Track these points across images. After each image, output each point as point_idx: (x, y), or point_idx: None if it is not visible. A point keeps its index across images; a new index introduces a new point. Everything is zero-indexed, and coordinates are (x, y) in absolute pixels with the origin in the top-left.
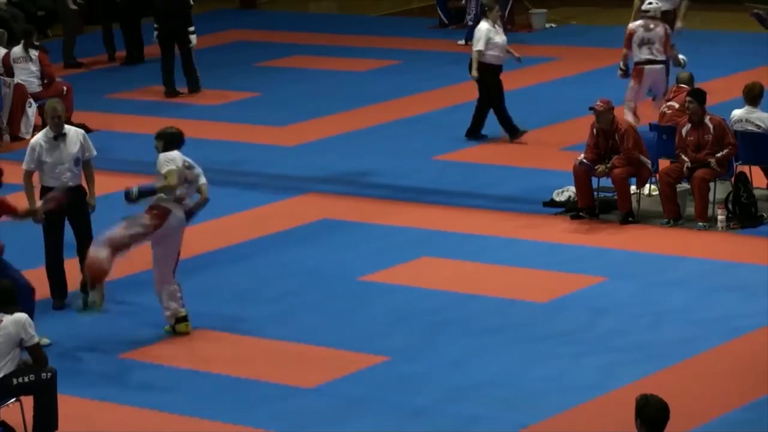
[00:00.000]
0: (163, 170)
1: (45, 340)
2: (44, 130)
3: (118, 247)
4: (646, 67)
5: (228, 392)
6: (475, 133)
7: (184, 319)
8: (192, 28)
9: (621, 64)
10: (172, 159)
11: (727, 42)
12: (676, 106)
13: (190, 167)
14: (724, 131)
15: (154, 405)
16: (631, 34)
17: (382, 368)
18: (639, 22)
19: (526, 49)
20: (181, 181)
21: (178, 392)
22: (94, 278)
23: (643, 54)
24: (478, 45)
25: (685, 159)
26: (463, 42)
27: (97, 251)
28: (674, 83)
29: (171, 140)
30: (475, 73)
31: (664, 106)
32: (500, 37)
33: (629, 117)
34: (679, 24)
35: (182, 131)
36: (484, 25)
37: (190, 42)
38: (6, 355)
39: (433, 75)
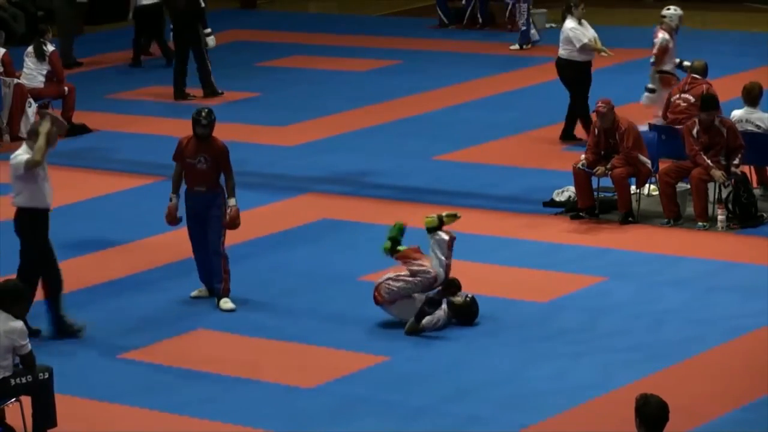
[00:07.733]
0: None
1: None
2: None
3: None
4: None
5: (228, 392)
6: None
7: None
8: (208, 30)
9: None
10: None
11: (727, 42)
12: (692, 99)
13: None
14: (736, 134)
15: (154, 405)
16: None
17: (382, 368)
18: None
19: (525, 48)
20: None
21: (178, 392)
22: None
23: None
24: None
25: (707, 161)
26: (516, 47)
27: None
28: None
29: None
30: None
31: (677, 96)
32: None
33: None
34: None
35: None
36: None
37: (202, 43)
38: (2, 360)
39: (433, 75)
